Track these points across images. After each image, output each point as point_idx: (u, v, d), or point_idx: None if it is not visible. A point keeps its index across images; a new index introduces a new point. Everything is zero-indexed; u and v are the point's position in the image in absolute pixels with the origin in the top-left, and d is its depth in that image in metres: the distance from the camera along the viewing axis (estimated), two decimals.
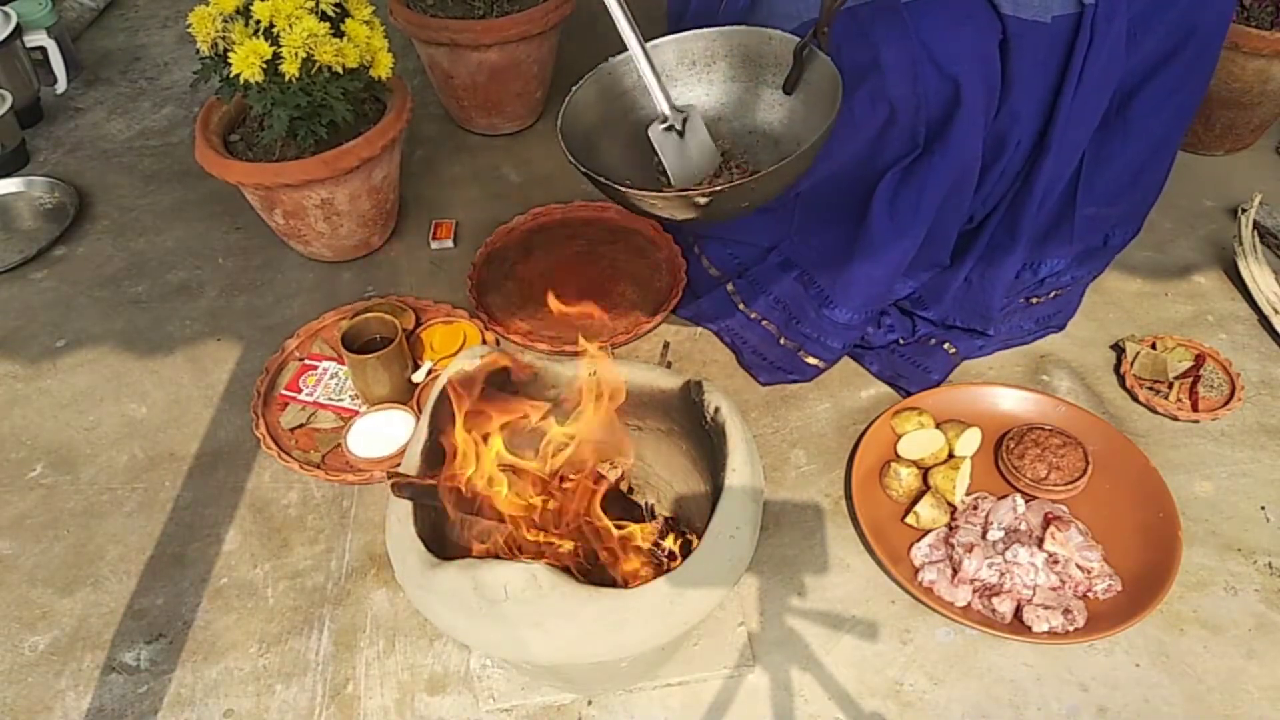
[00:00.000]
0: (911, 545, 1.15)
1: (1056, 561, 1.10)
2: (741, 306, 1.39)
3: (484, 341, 1.41)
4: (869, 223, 1.19)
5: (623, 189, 0.98)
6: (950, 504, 1.18)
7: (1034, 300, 1.36)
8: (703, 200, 0.96)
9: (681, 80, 1.14)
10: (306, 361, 1.40)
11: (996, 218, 1.24)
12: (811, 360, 1.33)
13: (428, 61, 1.80)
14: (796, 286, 1.32)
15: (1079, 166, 1.21)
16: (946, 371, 1.34)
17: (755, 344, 1.38)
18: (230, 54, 1.31)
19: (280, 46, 1.30)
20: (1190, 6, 1.11)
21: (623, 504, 1.03)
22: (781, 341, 1.35)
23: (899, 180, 1.15)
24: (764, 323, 1.37)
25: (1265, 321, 1.43)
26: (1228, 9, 1.17)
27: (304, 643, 1.10)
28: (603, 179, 0.98)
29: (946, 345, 1.36)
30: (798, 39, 1.05)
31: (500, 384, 0.98)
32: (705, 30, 1.11)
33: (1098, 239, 1.32)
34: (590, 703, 1.03)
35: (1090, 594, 1.09)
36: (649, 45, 1.05)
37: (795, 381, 1.35)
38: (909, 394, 1.32)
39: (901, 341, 1.38)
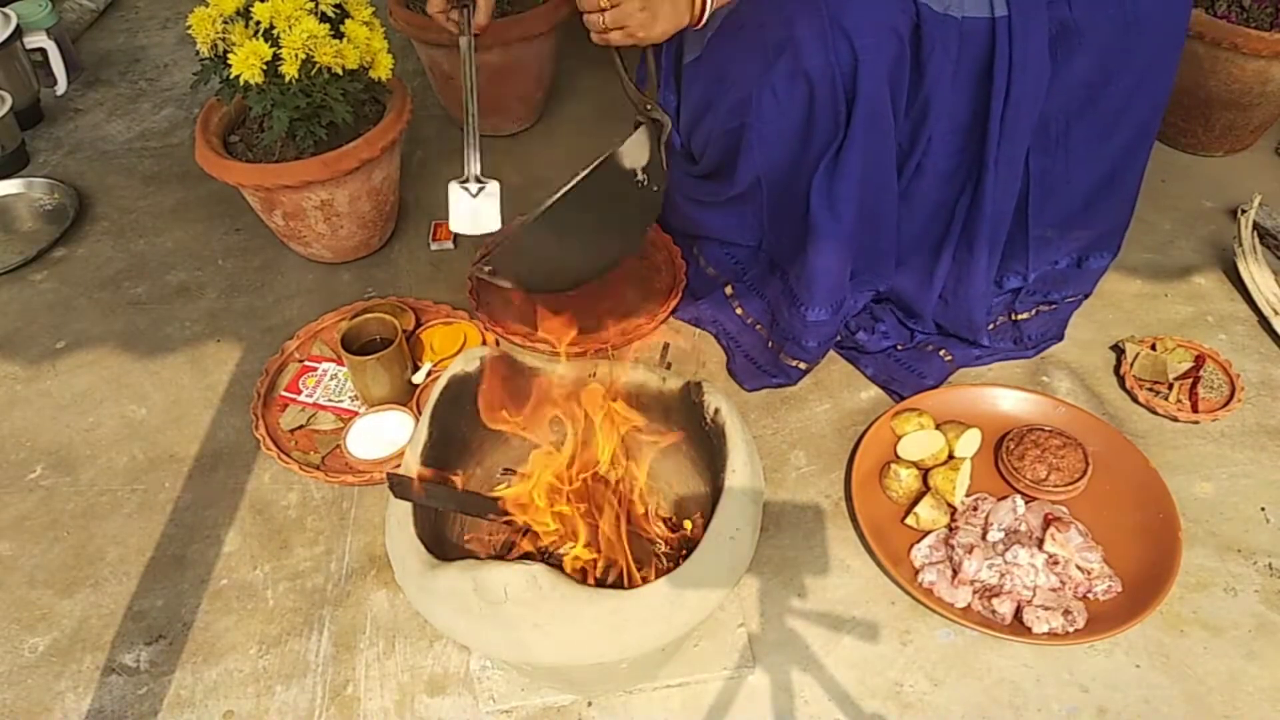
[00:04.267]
0: (911, 546, 1.15)
1: (1056, 562, 1.10)
2: (739, 311, 1.39)
3: (484, 342, 1.41)
4: (810, 215, 1.20)
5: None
6: (950, 505, 1.18)
7: (1017, 317, 1.37)
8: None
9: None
10: (306, 363, 1.40)
11: (954, 235, 1.26)
12: (792, 362, 1.33)
13: (428, 63, 1.80)
14: (779, 285, 1.33)
15: (1026, 187, 1.23)
16: (941, 378, 1.34)
17: (748, 348, 1.38)
18: (230, 55, 1.31)
19: (280, 48, 1.31)
20: (1118, 35, 1.12)
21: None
22: (770, 345, 1.35)
23: (830, 169, 1.17)
24: (757, 326, 1.37)
25: (1265, 322, 1.43)
26: (1168, 46, 1.17)
27: (304, 644, 1.10)
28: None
29: (942, 352, 1.37)
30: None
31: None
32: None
33: (1063, 260, 1.34)
34: (590, 704, 1.03)
35: (1090, 595, 1.09)
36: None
37: (779, 385, 1.35)
38: (902, 398, 1.32)
39: (900, 347, 1.38)
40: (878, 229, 1.25)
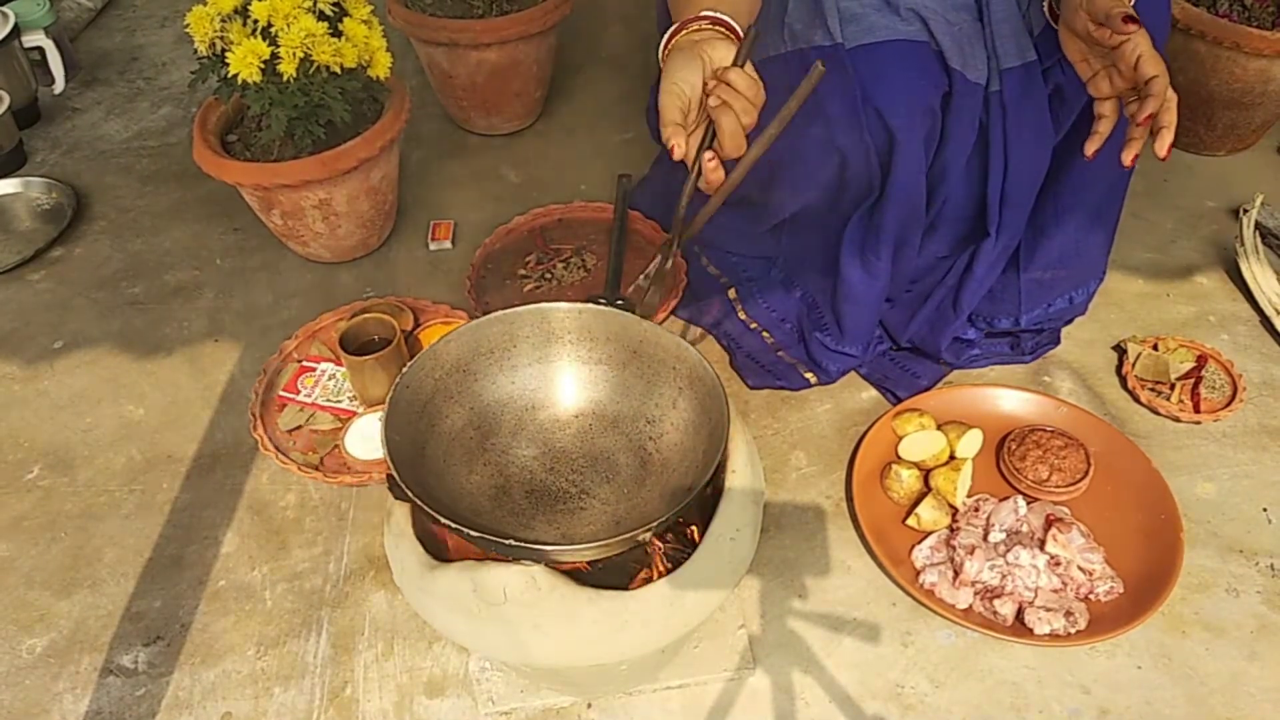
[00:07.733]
0: (912, 547, 1.14)
1: (1058, 563, 1.10)
2: (742, 315, 1.39)
3: None
4: (842, 274, 1.21)
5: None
6: (951, 506, 1.18)
7: (1011, 331, 1.36)
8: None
9: (482, 371, 0.96)
10: (305, 363, 1.39)
11: (947, 286, 1.25)
12: (809, 376, 1.33)
13: (426, 61, 1.79)
14: (803, 307, 1.33)
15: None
16: (935, 379, 1.34)
17: (750, 350, 1.37)
18: (228, 54, 1.31)
19: (278, 46, 1.30)
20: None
21: None
22: (779, 354, 1.35)
23: (863, 228, 1.17)
24: (763, 333, 1.37)
25: (1267, 322, 1.43)
26: None
27: (302, 645, 1.09)
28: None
29: None
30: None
31: None
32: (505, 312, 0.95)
33: (1056, 302, 1.32)
34: (590, 706, 1.03)
35: (1092, 596, 1.09)
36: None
37: (783, 389, 1.35)
38: (898, 399, 1.31)
39: (893, 348, 1.38)
40: (902, 274, 1.25)
